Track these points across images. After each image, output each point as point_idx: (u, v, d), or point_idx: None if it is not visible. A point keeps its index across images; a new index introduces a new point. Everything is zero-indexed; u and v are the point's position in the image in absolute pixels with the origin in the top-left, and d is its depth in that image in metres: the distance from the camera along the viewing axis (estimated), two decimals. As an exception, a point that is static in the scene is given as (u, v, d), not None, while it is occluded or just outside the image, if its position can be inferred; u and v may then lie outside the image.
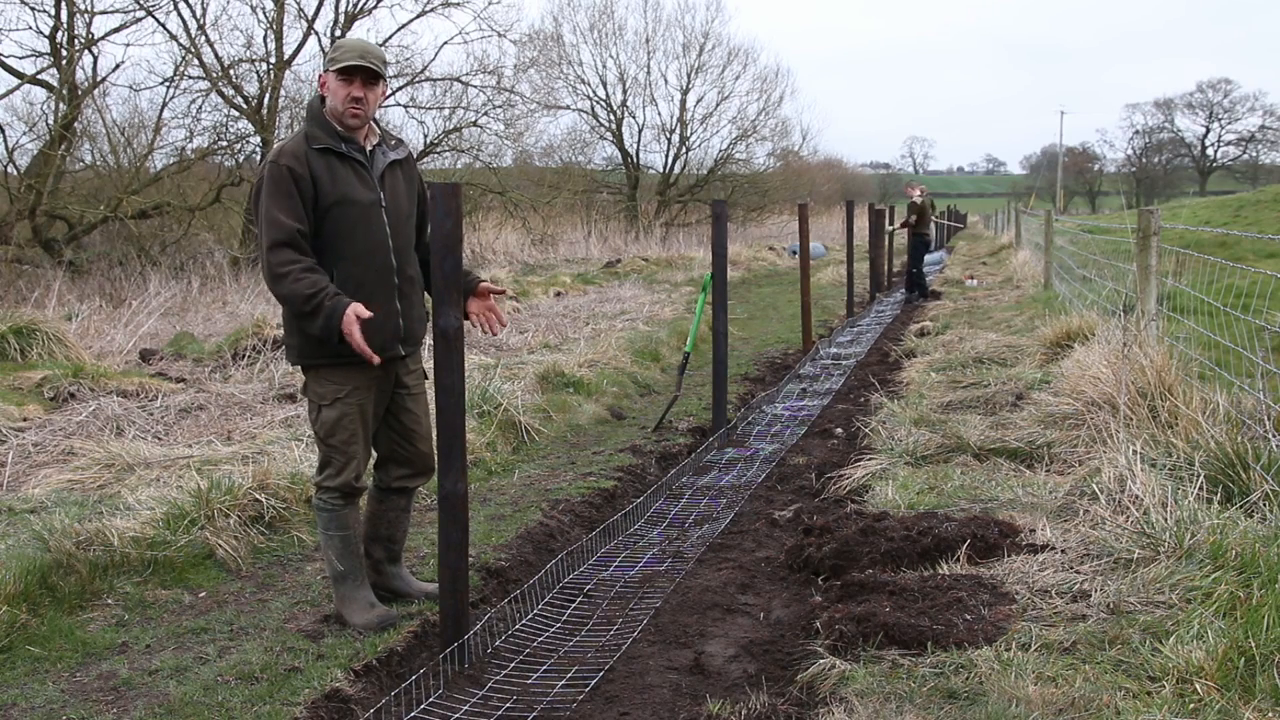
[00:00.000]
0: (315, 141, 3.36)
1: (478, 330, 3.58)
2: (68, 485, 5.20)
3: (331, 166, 3.36)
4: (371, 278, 3.41)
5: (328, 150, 3.36)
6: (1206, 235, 14.20)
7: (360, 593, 3.60)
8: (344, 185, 3.36)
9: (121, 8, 16.62)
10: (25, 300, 12.28)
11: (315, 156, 3.35)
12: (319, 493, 3.55)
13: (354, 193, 3.37)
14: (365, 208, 3.39)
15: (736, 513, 5.00)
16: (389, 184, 3.48)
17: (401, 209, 3.52)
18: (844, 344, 10.89)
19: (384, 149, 3.51)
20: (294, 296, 3.23)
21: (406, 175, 3.58)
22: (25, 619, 3.49)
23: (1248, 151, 75.73)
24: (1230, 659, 2.70)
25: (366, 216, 3.39)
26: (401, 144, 3.60)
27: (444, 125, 22.90)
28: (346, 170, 3.38)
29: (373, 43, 3.35)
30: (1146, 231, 6.14)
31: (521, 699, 3.13)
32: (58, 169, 16.00)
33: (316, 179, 3.33)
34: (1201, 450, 4.28)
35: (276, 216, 3.26)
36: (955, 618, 3.20)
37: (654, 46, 33.95)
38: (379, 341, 3.37)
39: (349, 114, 3.36)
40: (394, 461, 3.72)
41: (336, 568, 3.57)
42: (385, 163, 3.47)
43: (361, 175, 3.41)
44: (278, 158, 3.32)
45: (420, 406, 3.69)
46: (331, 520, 3.54)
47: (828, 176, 51.14)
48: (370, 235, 3.40)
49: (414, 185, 3.62)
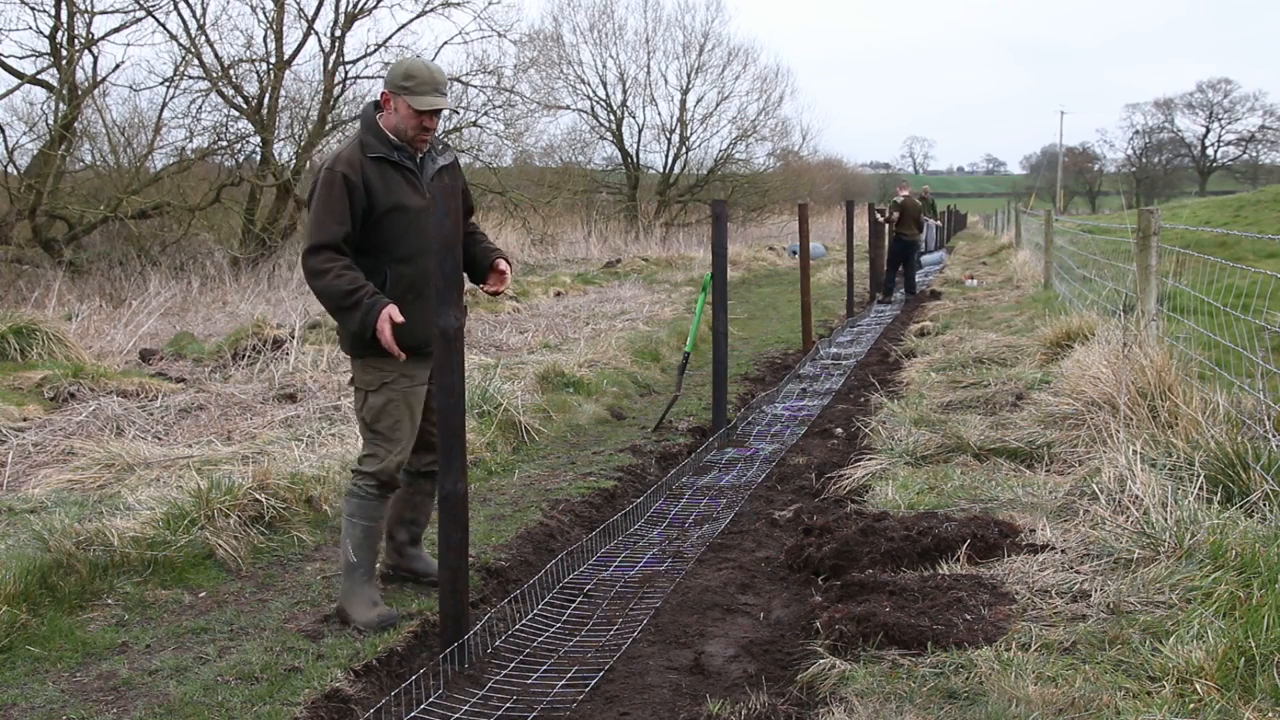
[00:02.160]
0: (370, 150, 3.51)
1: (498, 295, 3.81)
2: (68, 485, 5.20)
3: (385, 174, 3.51)
4: (421, 279, 3.56)
5: (382, 159, 3.51)
6: (1206, 235, 14.19)
7: (366, 589, 3.65)
8: (397, 192, 3.51)
9: (121, 8, 16.61)
10: (25, 300, 12.28)
11: (370, 165, 3.50)
12: (356, 478, 3.62)
13: (406, 199, 3.53)
14: (416, 213, 3.55)
15: (736, 513, 5.00)
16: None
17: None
18: (844, 344, 10.90)
19: (432, 156, 3.67)
20: (333, 291, 3.38)
21: (453, 180, 3.71)
22: (25, 619, 3.49)
23: (1248, 151, 75.73)
24: (1230, 659, 2.70)
25: (417, 221, 3.55)
26: (448, 149, 3.76)
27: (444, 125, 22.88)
28: (399, 178, 3.54)
29: (440, 69, 3.57)
30: (1146, 231, 6.14)
31: (521, 699, 3.13)
32: (58, 169, 15.99)
33: (370, 187, 3.48)
34: (1201, 450, 4.28)
35: (324, 220, 3.42)
36: (955, 618, 3.20)
37: (654, 46, 33.94)
38: (425, 337, 3.52)
39: (418, 140, 3.56)
40: (426, 448, 3.81)
41: (350, 559, 3.62)
42: (434, 170, 3.64)
43: (412, 182, 3.58)
44: (334, 164, 3.47)
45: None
46: (360, 508, 3.61)
47: (828, 176, 51.11)
48: (421, 239, 3.55)
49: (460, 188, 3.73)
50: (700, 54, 33.87)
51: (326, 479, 4.91)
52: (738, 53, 34.95)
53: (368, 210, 3.48)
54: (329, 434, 5.96)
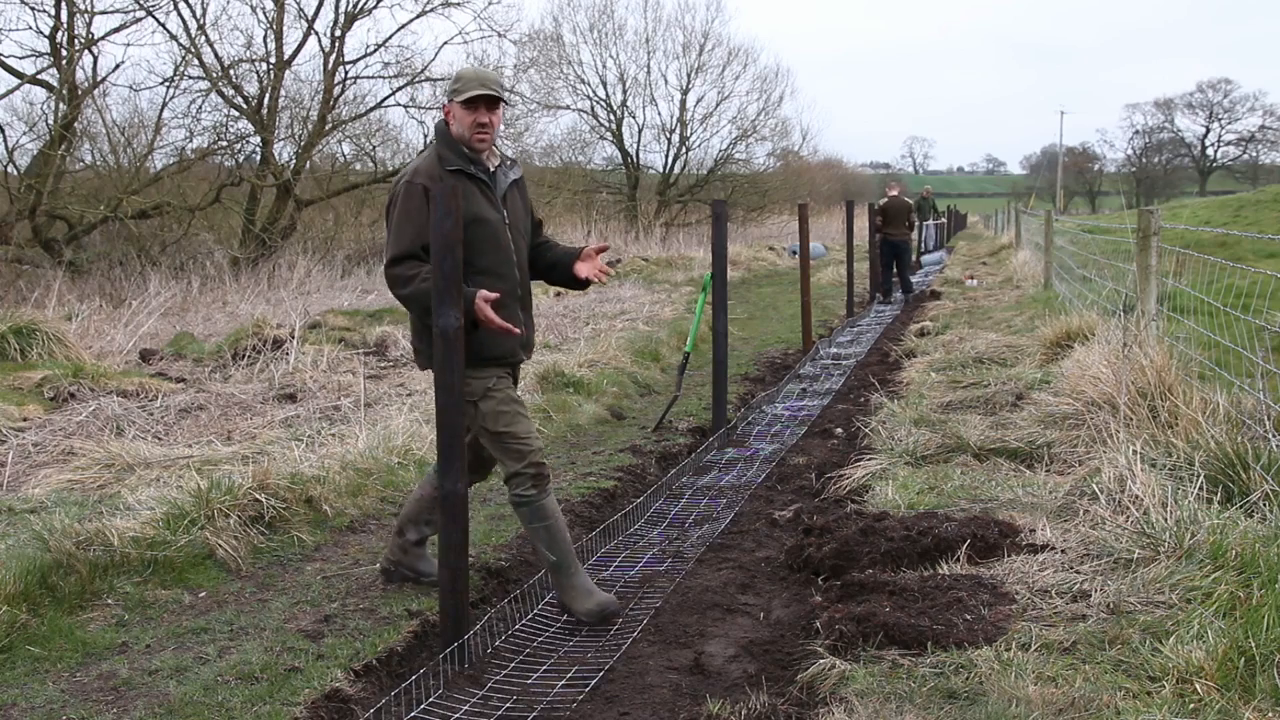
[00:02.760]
0: (447, 163, 3.54)
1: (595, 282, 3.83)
2: (68, 485, 5.20)
3: (464, 186, 3.52)
4: (501, 289, 3.56)
5: (459, 171, 3.54)
6: (1206, 235, 14.19)
7: (578, 580, 3.70)
8: (476, 205, 3.54)
9: (121, 8, 16.62)
10: (25, 300, 12.28)
11: (449, 177, 3.51)
12: (512, 489, 3.65)
13: (484, 212, 3.57)
14: (495, 225, 3.60)
15: (736, 513, 5.00)
16: (510, 204, 3.70)
17: (520, 227, 3.74)
18: (844, 344, 10.90)
19: (504, 170, 3.71)
20: (421, 294, 3.40)
21: (522, 194, 3.80)
22: (25, 619, 3.49)
23: (1248, 151, 75.75)
24: (1230, 659, 2.70)
25: (495, 234, 3.60)
26: (516, 164, 3.81)
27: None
28: (475, 190, 3.57)
29: (489, 70, 3.68)
30: (1146, 231, 6.14)
31: (521, 699, 3.13)
32: (58, 169, 15.99)
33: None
34: (1201, 450, 4.28)
35: (405, 230, 3.46)
36: (955, 618, 3.20)
37: (654, 46, 33.90)
38: (509, 346, 3.61)
39: (476, 139, 3.55)
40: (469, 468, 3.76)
41: (549, 558, 3.69)
42: (507, 183, 3.69)
43: (488, 195, 3.61)
44: (413, 177, 3.50)
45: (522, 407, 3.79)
46: (532, 513, 3.65)
47: (828, 176, 51.09)
48: (499, 251, 3.60)
49: (527, 203, 3.85)
50: (700, 54, 33.85)
51: (326, 479, 4.90)
52: (738, 53, 34.87)
53: None
54: (329, 434, 5.96)
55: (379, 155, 23.04)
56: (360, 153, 22.78)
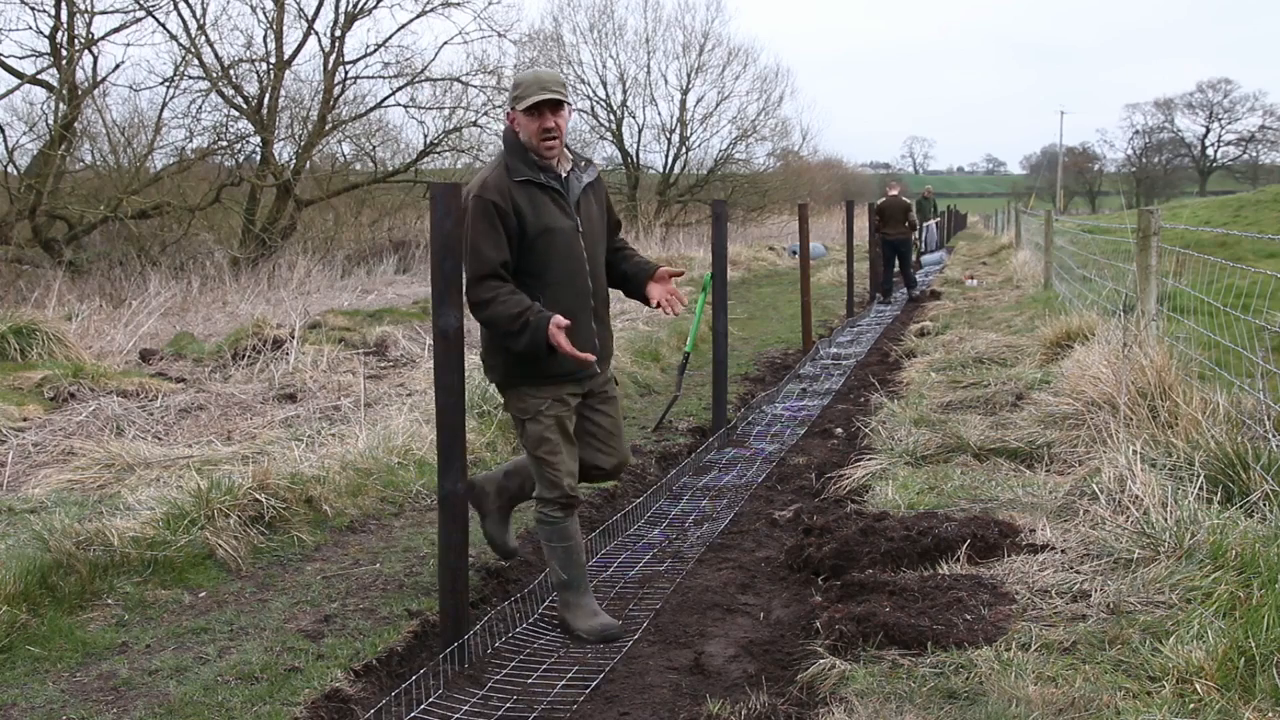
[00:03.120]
0: (516, 174, 3.44)
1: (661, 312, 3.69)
2: (68, 485, 5.20)
3: (533, 197, 3.45)
4: (573, 300, 3.49)
5: (528, 181, 3.44)
6: (1206, 235, 14.19)
7: (583, 600, 3.66)
8: (546, 216, 3.45)
9: (121, 8, 16.62)
10: (25, 300, 12.28)
11: (517, 189, 3.43)
12: (539, 507, 3.63)
13: (555, 221, 3.47)
14: (567, 235, 3.49)
15: (736, 513, 5.00)
16: (584, 209, 3.57)
17: (595, 232, 3.62)
18: (844, 344, 10.90)
19: (577, 173, 3.58)
20: (501, 318, 3.32)
21: (598, 197, 3.67)
22: (25, 619, 3.49)
23: (1248, 151, 75.74)
24: (1230, 659, 2.70)
25: (567, 243, 3.50)
26: (591, 165, 3.67)
27: (444, 125, 22.87)
28: (546, 200, 3.47)
29: (549, 70, 3.56)
30: (1146, 231, 6.14)
31: (521, 699, 3.13)
32: (58, 169, 15.99)
33: (520, 211, 3.41)
34: (1201, 450, 4.28)
35: (480, 249, 3.36)
36: (955, 618, 3.20)
37: (654, 46, 33.89)
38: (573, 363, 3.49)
39: (544, 146, 3.45)
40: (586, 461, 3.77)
41: (560, 576, 3.65)
42: (580, 188, 3.56)
43: (560, 204, 3.50)
44: (482, 191, 3.38)
45: (611, 411, 3.73)
46: (553, 533, 3.61)
47: (828, 176, 51.06)
48: (570, 261, 3.50)
49: (604, 204, 3.71)
50: (700, 54, 33.84)
51: (326, 479, 4.90)
52: (738, 53, 34.86)
53: (520, 235, 3.42)
54: (329, 434, 5.96)
55: (379, 155, 23.06)
56: (360, 153, 22.79)
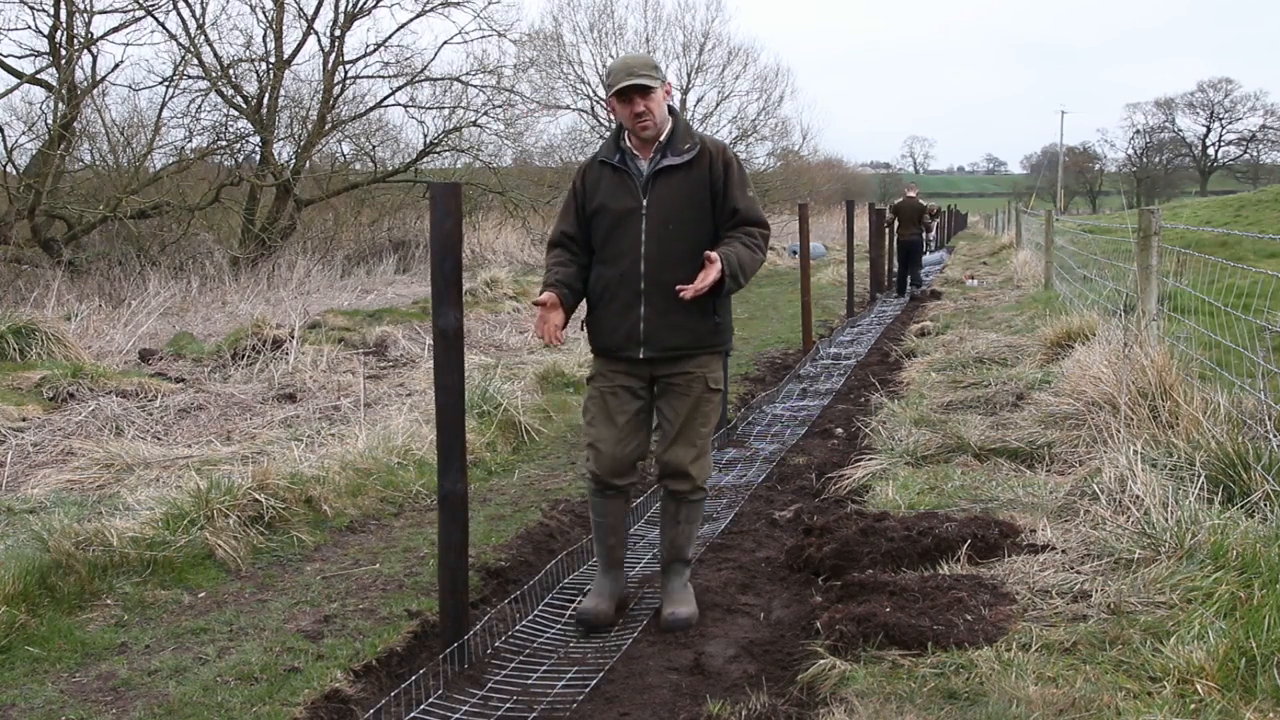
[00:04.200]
0: (601, 155, 3.61)
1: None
2: (67, 485, 5.19)
3: (603, 177, 3.56)
4: (616, 281, 3.53)
5: (604, 162, 3.57)
6: (1207, 235, 14.19)
7: (600, 580, 3.75)
8: (604, 195, 3.54)
9: (121, 7, 16.58)
10: (24, 300, 12.26)
11: (595, 168, 3.60)
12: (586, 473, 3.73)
13: (611, 202, 3.52)
14: (621, 215, 3.51)
15: (736, 513, 5.00)
16: (659, 190, 3.49)
17: (669, 215, 3.48)
18: (844, 344, 10.89)
19: (660, 155, 3.50)
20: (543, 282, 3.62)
21: (690, 179, 3.50)
22: (25, 619, 3.48)
23: (1248, 151, 75.71)
24: (1231, 659, 2.69)
25: (621, 223, 3.51)
26: (694, 146, 3.51)
27: (444, 125, 22.85)
28: (615, 180, 3.54)
29: (638, 54, 3.59)
30: (1147, 231, 6.13)
31: (521, 699, 3.13)
32: (57, 169, 15.97)
33: (588, 189, 3.60)
34: (1202, 450, 4.28)
35: (559, 217, 3.69)
36: (955, 618, 3.19)
37: (654, 46, 33.82)
38: (617, 340, 3.56)
39: (639, 129, 3.48)
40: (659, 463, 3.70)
41: (596, 548, 3.77)
42: (653, 169, 3.49)
43: (626, 184, 3.52)
44: (580, 169, 3.68)
45: (673, 406, 3.59)
46: (591, 504, 3.74)
47: (828, 176, 51.03)
48: (622, 241, 3.51)
49: (697, 188, 3.51)
50: (700, 54, 33.82)
51: (326, 479, 4.90)
52: (738, 52, 34.81)
53: (580, 210, 3.61)
54: (329, 434, 5.95)
55: (379, 155, 23.04)
56: (360, 152, 22.77)
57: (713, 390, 3.63)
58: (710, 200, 3.52)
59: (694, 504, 3.69)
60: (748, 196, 3.55)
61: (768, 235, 3.61)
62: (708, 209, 3.52)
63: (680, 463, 3.60)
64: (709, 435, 3.67)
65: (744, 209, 3.53)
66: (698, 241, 3.50)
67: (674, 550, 3.72)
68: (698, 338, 3.55)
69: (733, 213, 3.53)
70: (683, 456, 3.60)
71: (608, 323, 3.56)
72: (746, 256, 3.48)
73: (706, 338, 3.57)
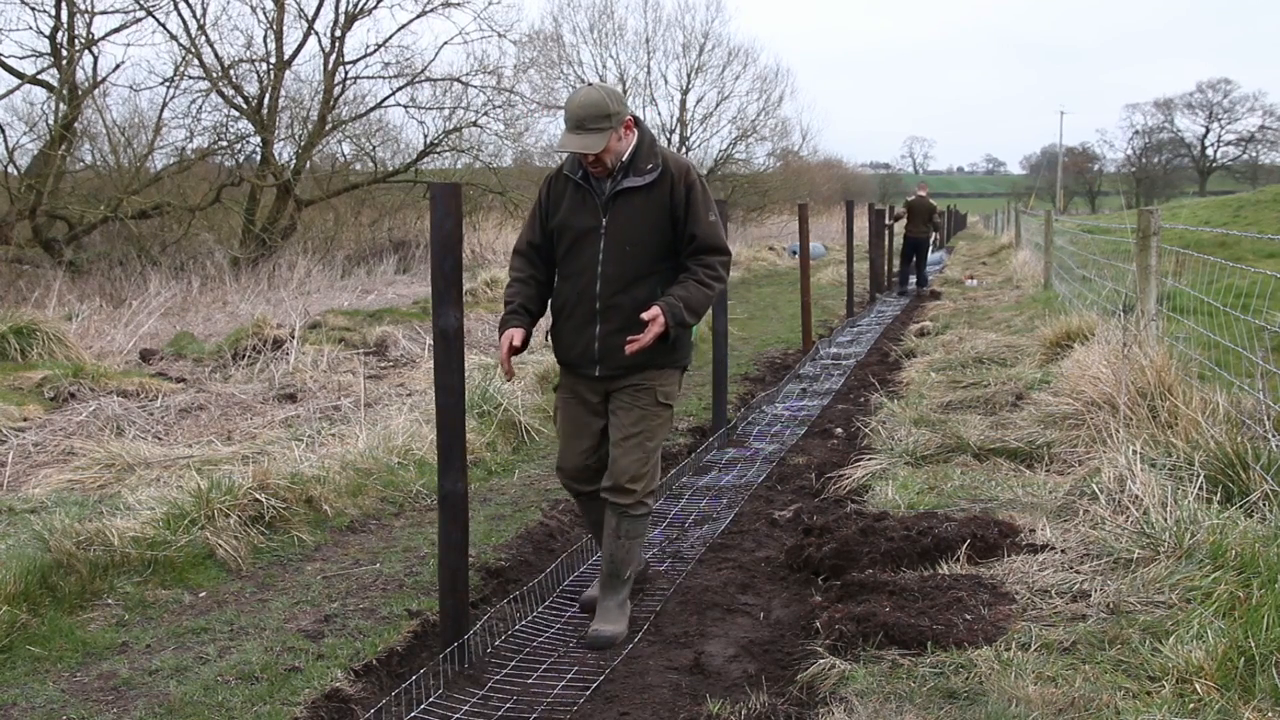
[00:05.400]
0: (566, 168, 3.56)
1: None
2: (68, 485, 5.20)
3: (567, 191, 3.53)
4: (574, 298, 3.51)
5: (569, 177, 3.52)
6: (1206, 235, 14.19)
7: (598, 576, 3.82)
8: (565, 211, 3.51)
9: (121, 8, 16.59)
10: (25, 300, 12.27)
11: (560, 181, 3.56)
12: None
13: (570, 219, 3.50)
14: (580, 233, 3.48)
15: (736, 513, 5.00)
16: (618, 210, 3.43)
17: (627, 235, 3.42)
18: (844, 344, 10.89)
19: (621, 175, 3.42)
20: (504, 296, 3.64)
21: (650, 199, 3.43)
22: (25, 619, 3.49)
23: (1247, 151, 75.64)
24: (1230, 659, 2.70)
25: (580, 241, 3.48)
26: (656, 168, 3.43)
27: (444, 125, 22.84)
28: (577, 197, 3.50)
29: (597, 92, 3.33)
30: (1146, 231, 6.14)
31: (522, 699, 3.13)
32: (58, 169, 15.97)
33: (552, 201, 3.56)
34: (1201, 450, 4.28)
35: (521, 231, 3.67)
36: (955, 618, 3.20)
37: (654, 46, 33.83)
38: (574, 355, 3.57)
39: (592, 172, 3.45)
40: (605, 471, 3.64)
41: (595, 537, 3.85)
42: (614, 190, 3.42)
43: (588, 202, 3.48)
44: (546, 178, 3.63)
45: (620, 417, 3.53)
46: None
47: (828, 176, 51.00)
48: (580, 258, 3.49)
49: (658, 209, 3.43)
50: (700, 54, 33.81)
51: (326, 479, 4.90)
52: (738, 53, 34.80)
53: (544, 221, 3.58)
54: (329, 434, 5.96)
55: (379, 155, 23.03)
56: (360, 153, 22.76)
57: (662, 404, 3.56)
58: (670, 223, 3.45)
59: (634, 519, 3.56)
60: (708, 222, 3.45)
61: (727, 262, 3.53)
62: (667, 230, 3.46)
63: (621, 475, 3.51)
64: (655, 450, 3.58)
65: (702, 236, 3.44)
66: (656, 262, 3.47)
67: (610, 565, 3.60)
68: (651, 356, 3.47)
69: (691, 239, 3.45)
70: (625, 469, 3.51)
71: (566, 338, 3.58)
72: (698, 296, 3.42)
73: (661, 356, 3.51)
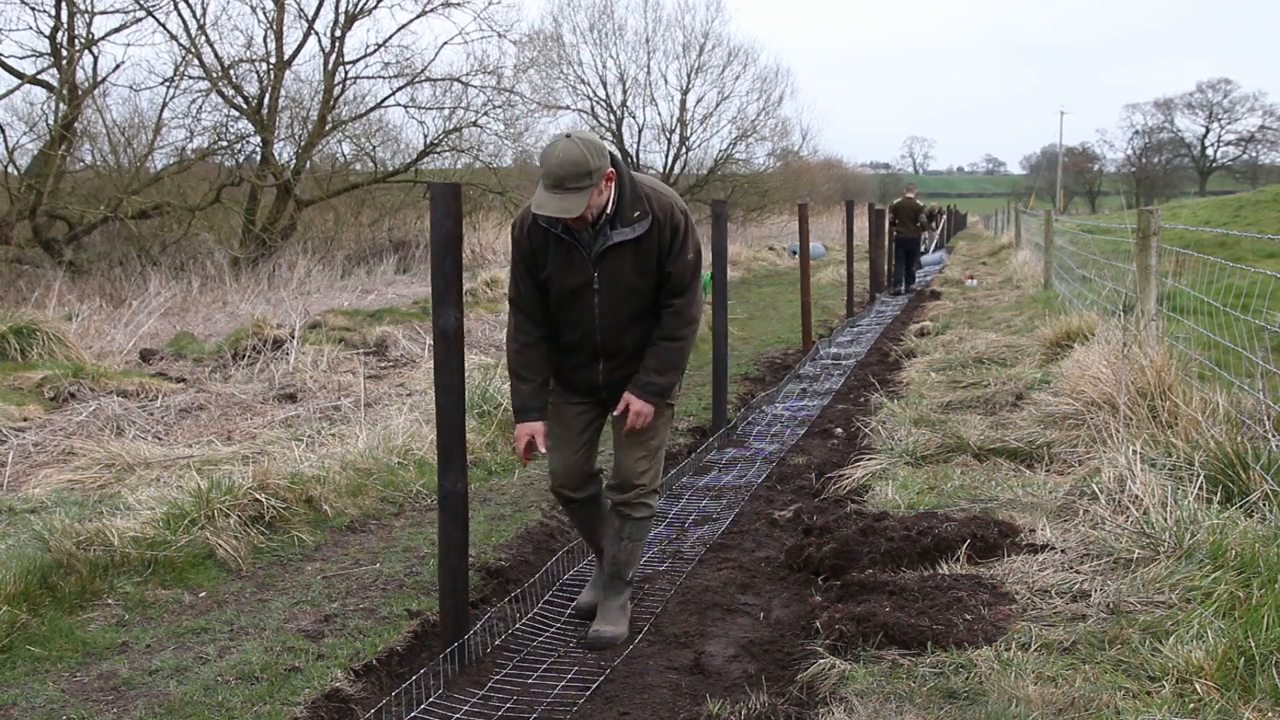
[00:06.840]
0: (543, 219, 3.30)
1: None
2: (68, 485, 5.20)
3: (549, 244, 3.34)
4: (574, 342, 3.46)
5: (549, 230, 3.32)
6: (1206, 235, 14.19)
7: (595, 573, 3.86)
8: (554, 266, 3.34)
9: (121, 8, 16.60)
10: (25, 300, 12.28)
11: (536, 230, 3.35)
12: None
13: (559, 276, 3.35)
14: (572, 290, 3.36)
15: (737, 513, 5.00)
16: (609, 264, 3.33)
17: (620, 288, 3.36)
18: (844, 344, 10.89)
19: (608, 230, 3.30)
20: (508, 365, 3.54)
21: (641, 249, 3.33)
22: (25, 619, 3.49)
23: (1247, 151, 75.66)
24: (1230, 659, 2.70)
25: (575, 296, 3.37)
26: (643, 215, 3.31)
27: (444, 125, 22.85)
28: (561, 252, 3.33)
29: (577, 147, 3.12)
30: (1146, 231, 6.14)
31: (521, 699, 3.13)
32: (58, 169, 15.98)
33: (536, 251, 3.37)
34: (1201, 450, 4.28)
35: (512, 278, 3.50)
36: (955, 618, 3.20)
37: (654, 47, 33.82)
38: (576, 383, 3.55)
39: (574, 227, 3.29)
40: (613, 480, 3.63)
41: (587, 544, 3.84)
42: (605, 245, 3.30)
43: (574, 256, 3.33)
44: (519, 220, 3.41)
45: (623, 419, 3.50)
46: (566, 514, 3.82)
47: (828, 176, 50.98)
48: (575, 310, 3.40)
49: (647, 258, 3.35)
50: (700, 54, 33.80)
51: (326, 479, 4.90)
52: (738, 53, 34.78)
53: (532, 270, 3.40)
54: (329, 434, 5.96)
55: (379, 155, 23.05)
56: (360, 153, 22.78)
57: (664, 403, 3.55)
58: (659, 264, 3.39)
59: (638, 522, 3.56)
60: (685, 260, 3.39)
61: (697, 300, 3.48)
62: (660, 271, 3.42)
63: (628, 471, 3.52)
64: (660, 449, 3.57)
65: (676, 274, 3.39)
66: (652, 302, 3.45)
67: (614, 567, 3.60)
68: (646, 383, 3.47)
69: (667, 276, 3.40)
70: (629, 467, 3.51)
71: (568, 374, 3.53)
72: (668, 358, 3.43)
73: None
